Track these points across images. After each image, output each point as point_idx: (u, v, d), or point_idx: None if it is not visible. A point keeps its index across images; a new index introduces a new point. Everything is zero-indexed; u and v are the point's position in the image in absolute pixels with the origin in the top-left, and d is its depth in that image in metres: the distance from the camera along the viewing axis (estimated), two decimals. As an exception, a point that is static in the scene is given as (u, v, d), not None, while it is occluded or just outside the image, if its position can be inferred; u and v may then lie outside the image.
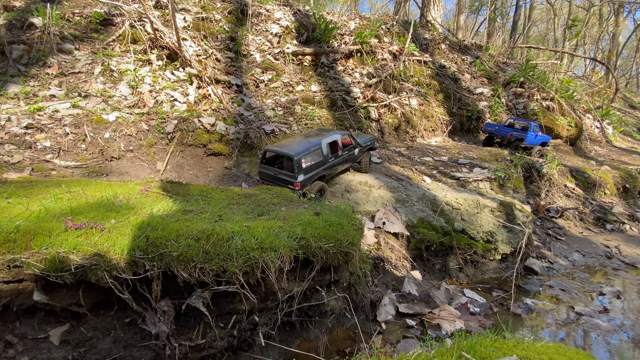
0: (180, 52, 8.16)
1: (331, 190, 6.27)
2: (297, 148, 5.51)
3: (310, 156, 5.65)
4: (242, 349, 3.39)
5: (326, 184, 6.11)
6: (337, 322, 4.11)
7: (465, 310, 4.77)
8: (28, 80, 7.05)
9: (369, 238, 5.17)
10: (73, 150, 6.15)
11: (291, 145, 5.64)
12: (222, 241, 2.98)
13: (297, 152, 5.38)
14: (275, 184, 5.61)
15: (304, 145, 5.63)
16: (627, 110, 21.20)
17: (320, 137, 5.99)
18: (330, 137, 6.07)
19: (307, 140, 5.90)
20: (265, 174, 5.76)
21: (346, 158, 6.46)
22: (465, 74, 13.58)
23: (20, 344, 2.76)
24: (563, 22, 32.32)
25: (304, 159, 5.46)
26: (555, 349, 2.16)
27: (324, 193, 5.88)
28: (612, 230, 8.52)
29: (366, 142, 6.97)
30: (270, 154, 5.87)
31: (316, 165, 5.72)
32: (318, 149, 5.76)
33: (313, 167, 5.65)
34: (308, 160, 5.59)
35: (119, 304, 2.97)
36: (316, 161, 5.73)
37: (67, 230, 2.82)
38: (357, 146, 6.65)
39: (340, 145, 6.26)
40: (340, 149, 6.26)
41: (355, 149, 6.64)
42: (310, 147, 5.60)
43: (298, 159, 5.32)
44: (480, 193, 6.85)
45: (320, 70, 10.71)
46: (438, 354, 2.10)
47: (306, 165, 5.51)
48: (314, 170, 5.69)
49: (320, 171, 5.83)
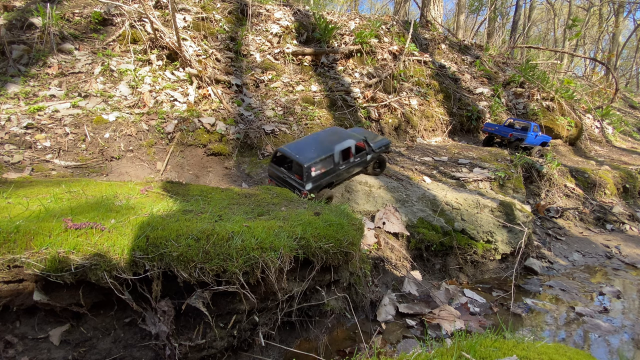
0: (180, 52, 8.16)
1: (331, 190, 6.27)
2: (308, 155, 5.28)
3: (321, 164, 5.39)
4: (242, 349, 3.39)
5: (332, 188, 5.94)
6: (337, 322, 4.10)
7: (465, 310, 4.77)
8: (28, 80, 7.05)
9: (369, 238, 5.17)
10: (73, 150, 6.15)
11: (303, 150, 5.38)
12: (222, 241, 2.98)
13: (307, 159, 5.16)
14: (282, 185, 5.46)
15: (316, 152, 5.37)
16: (627, 110, 21.20)
17: (334, 143, 5.69)
18: (345, 144, 5.75)
19: (320, 144, 5.61)
20: (275, 174, 5.59)
21: (357, 164, 6.16)
22: (465, 74, 13.58)
23: (20, 344, 2.76)
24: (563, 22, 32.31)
25: (314, 167, 5.25)
26: (555, 349, 2.16)
27: (330, 201, 5.71)
28: (612, 230, 8.52)
29: (380, 146, 6.61)
30: (281, 154, 5.63)
31: (326, 173, 5.48)
32: (330, 157, 5.50)
33: (323, 175, 5.42)
34: (318, 168, 5.36)
35: (119, 304, 2.97)
36: (327, 169, 5.48)
37: (67, 230, 2.82)
38: (370, 152, 6.34)
39: (353, 152, 5.92)
40: (352, 155, 5.93)
41: (368, 154, 6.33)
42: (321, 155, 5.36)
43: (308, 167, 5.13)
44: (480, 193, 6.85)
45: (320, 70, 10.70)
46: (438, 354, 2.10)
47: (315, 174, 5.30)
48: (324, 178, 5.48)
49: (330, 179, 5.61)
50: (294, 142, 5.85)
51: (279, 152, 5.56)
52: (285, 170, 5.51)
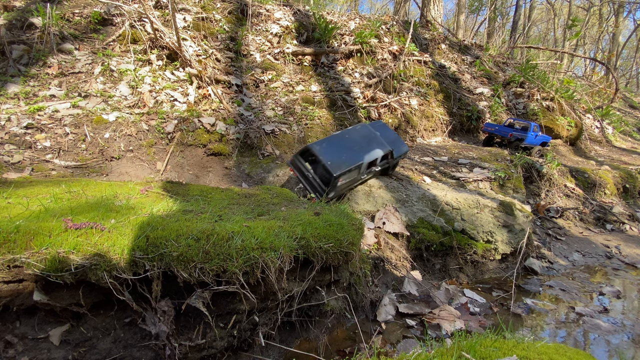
0: (180, 52, 8.16)
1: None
2: (339, 162, 5.02)
3: (348, 175, 5.18)
4: (242, 349, 3.39)
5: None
6: (337, 322, 4.10)
7: (465, 310, 4.78)
8: (28, 80, 7.05)
9: (369, 238, 5.17)
10: (73, 150, 6.15)
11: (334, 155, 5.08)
12: (222, 241, 2.98)
13: (337, 168, 4.94)
14: (302, 179, 5.25)
15: (346, 161, 5.12)
16: (627, 110, 21.20)
17: (364, 151, 5.40)
18: (374, 154, 5.47)
19: (351, 151, 5.31)
20: (297, 167, 5.32)
21: (377, 172, 5.94)
22: (465, 74, 13.58)
23: (20, 344, 2.76)
24: (563, 22, 32.31)
25: (341, 178, 5.06)
26: (555, 349, 2.16)
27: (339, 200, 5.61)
28: (612, 230, 8.52)
29: (400, 154, 6.24)
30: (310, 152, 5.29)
31: (350, 182, 5.33)
32: (358, 167, 5.27)
33: (346, 185, 5.29)
34: (344, 179, 5.18)
35: (119, 304, 2.97)
36: (351, 179, 5.30)
37: (67, 230, 2.82)
38: (390, 162, 6.09)
39: (377, 161, 5.67)
40: (376, 165, 5.70)
41: (388, 164, 6.09)
42: (351, 165, 5.12)
43: (336, 177, 4.92)
44: (480, 193, 6.85)
45: (320, 70, 10.70)
46: (438, 354, 2.10)
47: (340, 184, 5.14)
48: (346, 187, 5.37)
49: (349, 186, 5.49)
50: (325, 140, 5.48)
51: (309, 150, 5.24)
52: (310, 168, 5.23)
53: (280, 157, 7.53)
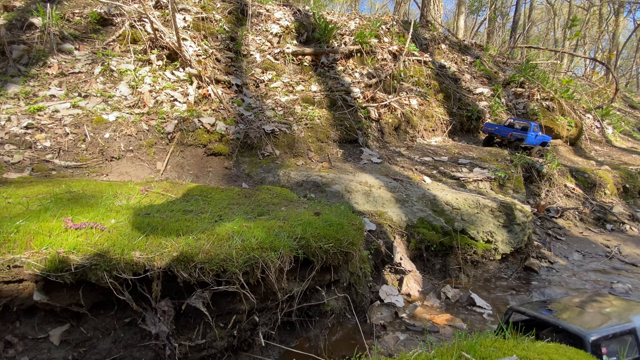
0: (180, 52, 8.16)
1: (331, 190, 6.26)
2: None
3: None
4: (242, 349, 3.38)
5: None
6: (337, 322, 4.10)
7: (465, 310, 4.78)
8: (28, 80, 7.05)
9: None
10: (73, 150, 6.15)
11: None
12: (222, 241, 2.98)
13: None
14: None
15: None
16: (627, 110, 21.19)
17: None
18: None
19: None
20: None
21: None
22: (465, 73, 13.58)
23: (20, 344, 2.76)
24: (563, 22, 32.30)
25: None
26: (555, 349, 2.16)
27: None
28: (612, 230, 8.51)
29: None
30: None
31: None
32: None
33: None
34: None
35: (119, 304, 2.97)
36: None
37: (67, 230, 2.82)
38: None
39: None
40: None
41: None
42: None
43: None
44: (480, 193, 6.85)
45: (320, 70, 10.70)
46: (438, 354, 2.10)
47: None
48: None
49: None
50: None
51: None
52: None
53: (280, 157, 7.53)
